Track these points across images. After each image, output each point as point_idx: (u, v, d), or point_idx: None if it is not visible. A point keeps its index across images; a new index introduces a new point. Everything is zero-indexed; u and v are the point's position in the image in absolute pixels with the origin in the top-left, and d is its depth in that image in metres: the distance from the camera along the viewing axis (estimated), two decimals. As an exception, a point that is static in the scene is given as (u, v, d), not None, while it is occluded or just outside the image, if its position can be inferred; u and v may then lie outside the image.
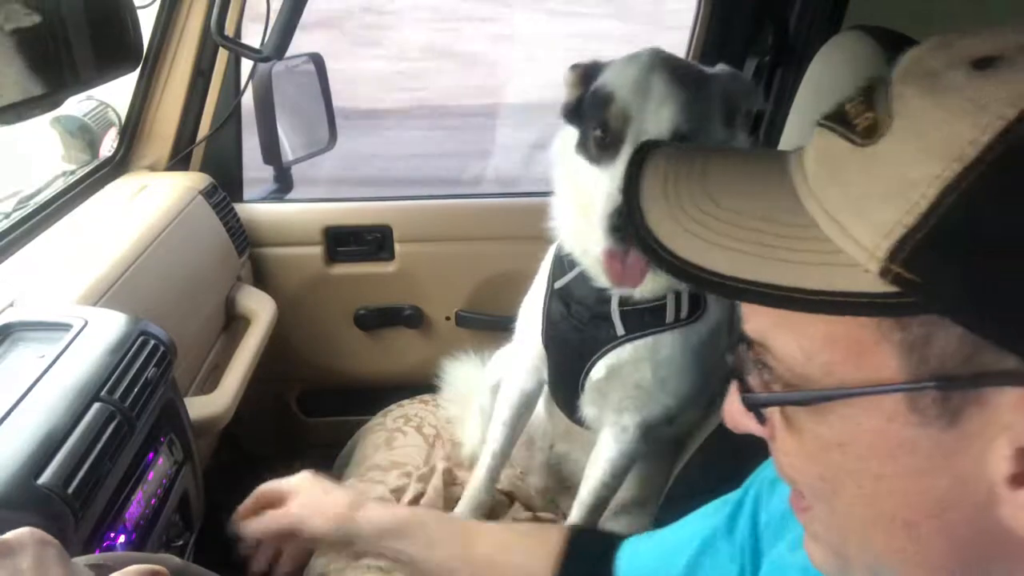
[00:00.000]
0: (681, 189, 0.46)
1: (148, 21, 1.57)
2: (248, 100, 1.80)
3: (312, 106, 1.91)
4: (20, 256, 1.30)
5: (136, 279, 1.31)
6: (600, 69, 1.15)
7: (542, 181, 1.32)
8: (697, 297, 1.18)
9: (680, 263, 0.43)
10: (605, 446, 1.29)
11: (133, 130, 1.69)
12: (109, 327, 1.04)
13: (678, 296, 1.18)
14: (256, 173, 1.94)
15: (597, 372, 1.23)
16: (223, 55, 1.72)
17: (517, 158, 4.29)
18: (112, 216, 1.48)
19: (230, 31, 1.60)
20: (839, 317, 0.40)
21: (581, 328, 1.23)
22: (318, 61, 1.89)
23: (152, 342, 1.04)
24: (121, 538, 0.89)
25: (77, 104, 1.69)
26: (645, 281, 1.13)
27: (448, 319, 1.95)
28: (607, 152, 1.08)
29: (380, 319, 1.94)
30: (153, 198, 1.55)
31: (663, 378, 1.22)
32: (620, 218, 1.02)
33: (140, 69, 1.60)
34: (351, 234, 1.87)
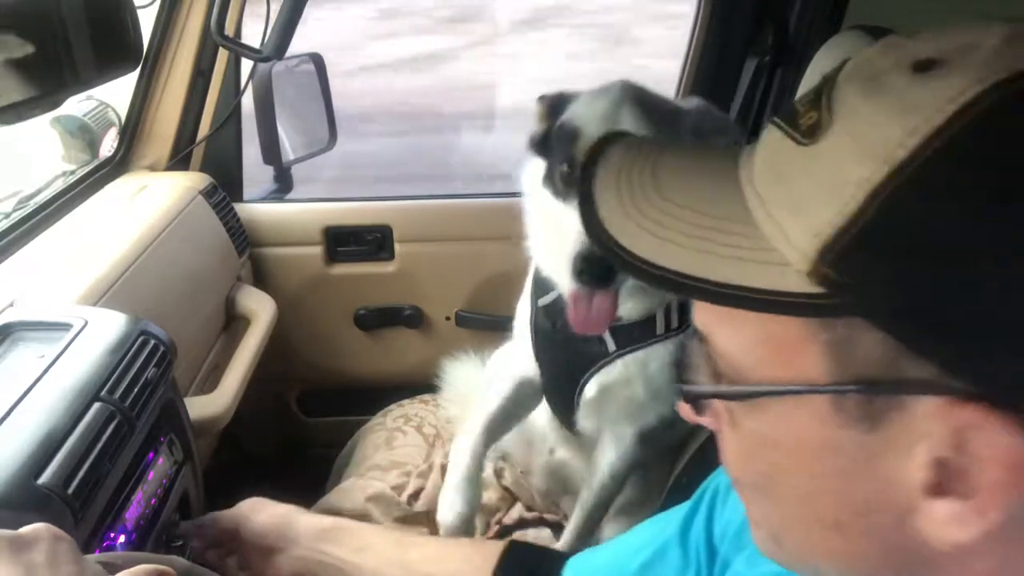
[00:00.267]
0: (634, 184, 0.46)
1: (148, 21, 1.57)
2: (248, 100, 1.80)
3: (312, 106, 1.91)
4: (20, 256, 1.30)
5: (136, 279, 1.31)
6: (568, 101, 1.13)
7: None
8: (686, 307, 1.17)
9: (623, 252, 0.43)
10: (604, 452, 1.29)
11: (133, 130, 1.69)
12: (109, 327, 1.04)
13: (668, 307, 1.17)
14: (256, 173, 1.94)
15: (590, 391, 1.22)
16: (223, 55, 1.72)
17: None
18: (112, 216, 1.48)
19: (230, 31, 1.60)
20: (774, 316, 0.40)
21: (570, 344, 1.21)
22: (318, 61, 1.89)
23: (152, 342, 1.04)
24: (121, 538, 0.89)
25: (77, 104, 1.69)
26: (634, 303, 1.10)
27: (448, 319, 1.94)
28: (574, 189, 1.05)
29: (380, 319, 1.94)
30: (153, 198, 1.55)
31: (656, 389, 1.20)
32: (586, 263, 1.00)
33: (140, 69, 1.60)
34: (351, 234, 1.87)
